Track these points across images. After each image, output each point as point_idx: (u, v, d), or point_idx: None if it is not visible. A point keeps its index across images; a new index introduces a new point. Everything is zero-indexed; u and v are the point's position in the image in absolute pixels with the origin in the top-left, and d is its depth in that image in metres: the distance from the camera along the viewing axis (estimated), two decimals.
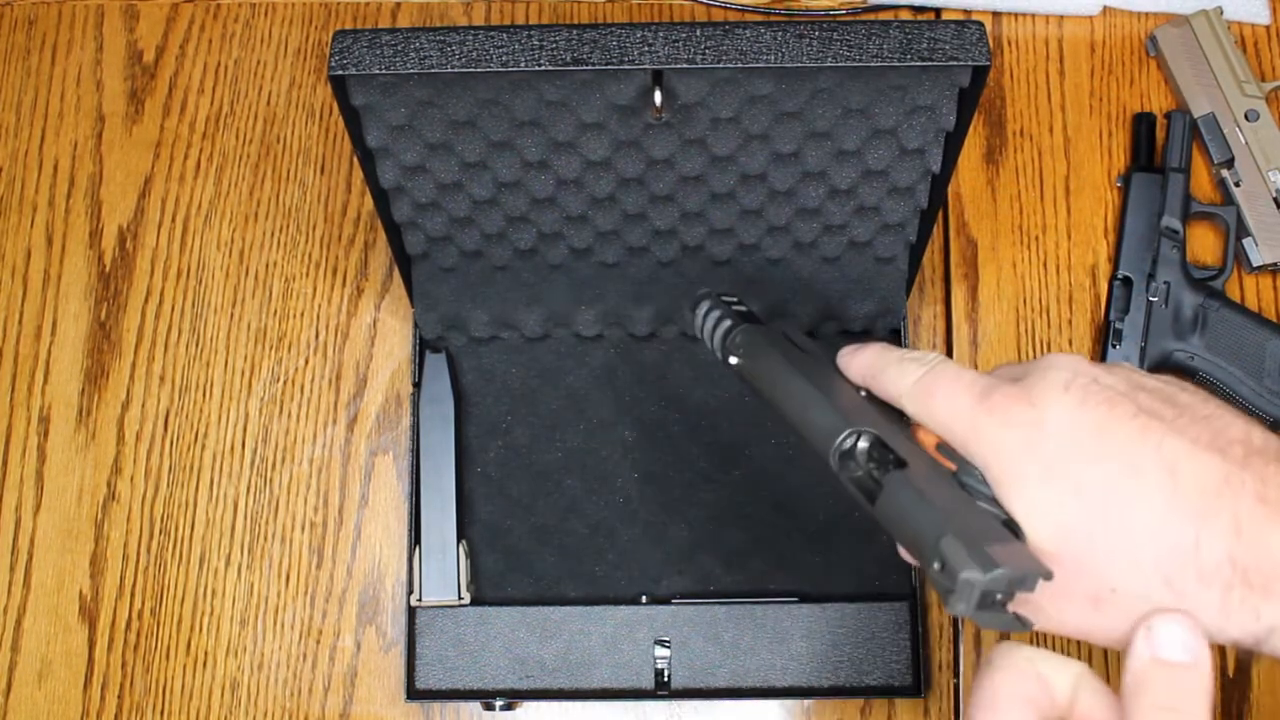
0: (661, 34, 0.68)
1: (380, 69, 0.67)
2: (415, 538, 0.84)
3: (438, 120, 0.74)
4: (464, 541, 0.85)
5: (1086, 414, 0.50)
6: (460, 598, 0.83)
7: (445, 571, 0.83)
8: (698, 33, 0.68)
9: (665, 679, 0.82)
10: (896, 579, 0.85)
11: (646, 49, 0.68)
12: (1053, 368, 0.53)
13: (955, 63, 0.68)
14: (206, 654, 0.86)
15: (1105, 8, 0.97)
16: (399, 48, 0.67)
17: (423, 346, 0.88)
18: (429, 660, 0.82)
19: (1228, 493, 0.48)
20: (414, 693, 0.82)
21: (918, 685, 0.83)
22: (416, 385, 0.87)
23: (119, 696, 0.85)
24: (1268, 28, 0.97)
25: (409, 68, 0.67)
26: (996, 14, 0.98)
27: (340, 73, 0.68)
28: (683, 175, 0.78)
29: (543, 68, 0.67)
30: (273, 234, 0.94)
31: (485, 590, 0.86)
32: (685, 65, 0.67)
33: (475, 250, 0.84)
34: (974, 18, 0.97)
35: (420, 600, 0.82)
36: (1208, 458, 0.49)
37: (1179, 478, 0.48)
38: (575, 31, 0.67)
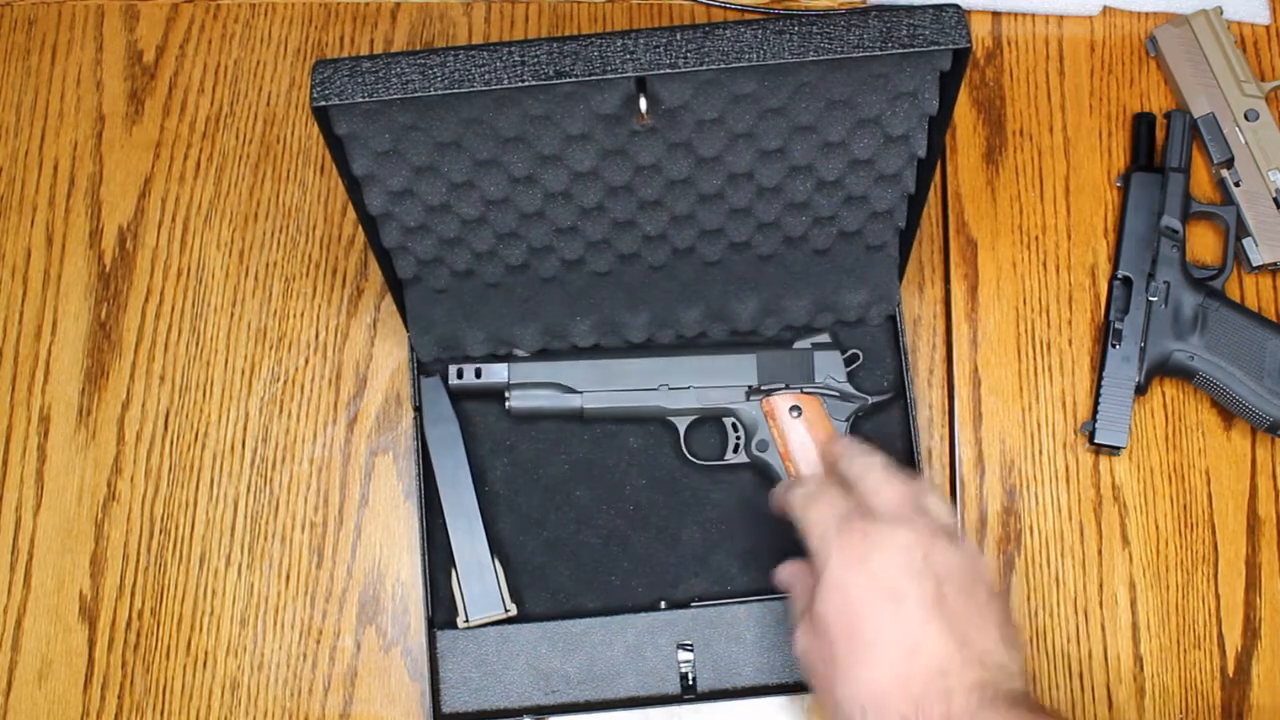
0: (642, 40, 0.68)
1: (363, 96, 0.67)
2: (450, 560, 0.84)
3: (423, 143, 0.73)
4: (496, 555, 0.84)
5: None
6: (507, 609, 0.82)
7: (486, 588, 0.83)
8: (678, 36, 0.68)
9: (691, 682, 0.82)
10: None
11: (629, 56, 0.68)
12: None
13: (935, 47, 0.68)
14: (206, 654, 0.86)
15: (1105, 8, 0.97)
16: (380, 74, 0.67)
17: (420, 370, 0.88)
18: (453, 683, 0.82)
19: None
20: (441, 717, 0.82)
21: None
22: (418, 409, 0.87)
23: (119, 696, 0.85)
24: (1268, 28, 0.97)
25: (391, 93, 0.67)
26: (996, 14, 0.98)
27: (323, 104, 0.67)
28: (670, 179, 0.78)
29: (526, 83, 0.67)
30: (273, 234, 0.94)
31: None
32: (668, 70, 0.67)
33: (467, 270, 0.84)
34: (973, 16, 0.98)
35: (468, 621, 0.82)
36: None
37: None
38: (556, 44, 0.67)
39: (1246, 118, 0.93)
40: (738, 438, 0.86)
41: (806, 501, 0.72)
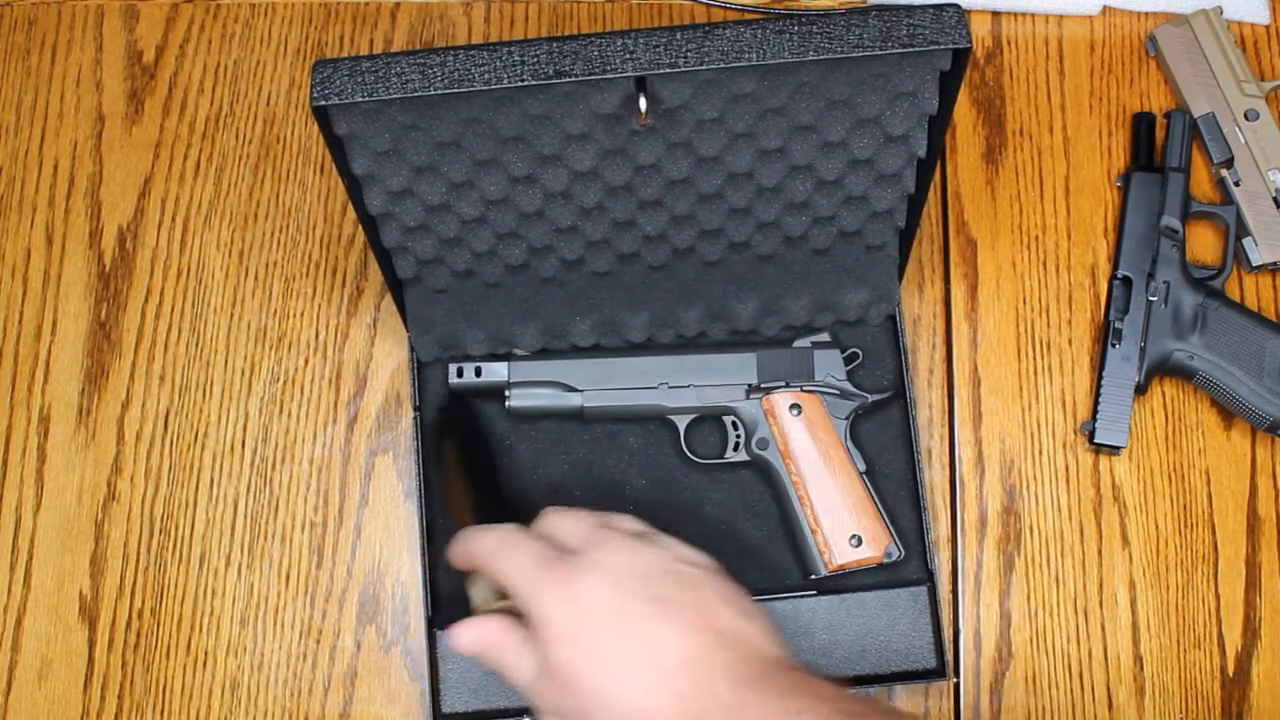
0: (642, 40, 0.68)
1: (363, 96, 0.67)
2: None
3: (422, 143, 0.74)
4: None
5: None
6: None
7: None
8: (678, 36, 0.68)
9: None
10: (914, 564, 0.85)
11: (629, 56, 0.68)
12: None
13: (936, 46, 0.68)
14: (206, 654, 0.86)
15: (1105, 7, 0.97)
16: (380, 74, 0.67)
17: (420, 370, 0.88)
18: (453, 683, 0.82)
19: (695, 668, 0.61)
20: (441, 717, 0.82)
21: (942, 668, 0.83)
22: (417, 409, 0.87)
23: (119, 696, 0.85)
24: (1268, 28, 0.97)
25: (391, 93, 0.67)
26: (996, 14, 0.98)
27: (323, 103, 0.67)
28: (670, 179, 0.78)
29: (526, 83, 0.67)
30: (273, 234, 0.94)
31: None
32: (668, 70, 0.67)
33: (466, 270, 0.84)
34: (973, 16, 0.98)
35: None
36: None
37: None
38: (556, 44, 0.67)
39: (1246, 117, 0.93)
40: (738, 436, 0.87)
41: (496, 553, 0.69)
